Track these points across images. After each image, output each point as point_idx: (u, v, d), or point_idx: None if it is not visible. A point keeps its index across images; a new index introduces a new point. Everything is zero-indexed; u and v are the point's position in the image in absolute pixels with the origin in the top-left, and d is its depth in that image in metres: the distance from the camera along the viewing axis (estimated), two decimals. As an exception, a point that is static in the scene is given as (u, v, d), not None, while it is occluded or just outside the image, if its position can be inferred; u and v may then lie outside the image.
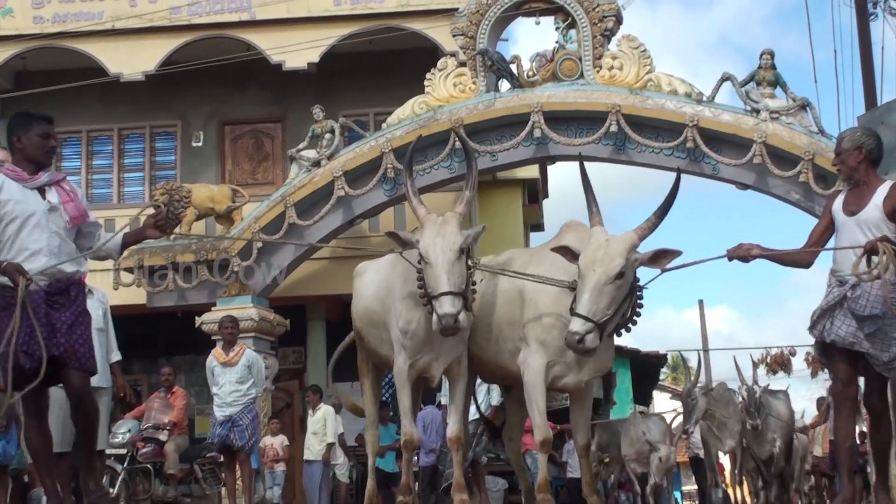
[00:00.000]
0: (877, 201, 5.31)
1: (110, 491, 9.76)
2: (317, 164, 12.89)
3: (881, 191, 5.33)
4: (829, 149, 11.20)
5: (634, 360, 22.30)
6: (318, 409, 12.28)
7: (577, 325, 5.65)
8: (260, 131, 16.10)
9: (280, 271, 13.00)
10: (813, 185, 11.43)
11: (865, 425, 10.01)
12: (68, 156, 16.18)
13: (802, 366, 20.78)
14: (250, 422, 9.25)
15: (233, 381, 9.24)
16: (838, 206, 5.48)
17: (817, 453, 12.62)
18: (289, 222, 12.75)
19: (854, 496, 5.67)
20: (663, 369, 29.66)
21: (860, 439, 11.82)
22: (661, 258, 5.86)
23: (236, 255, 12.81)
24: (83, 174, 16.05)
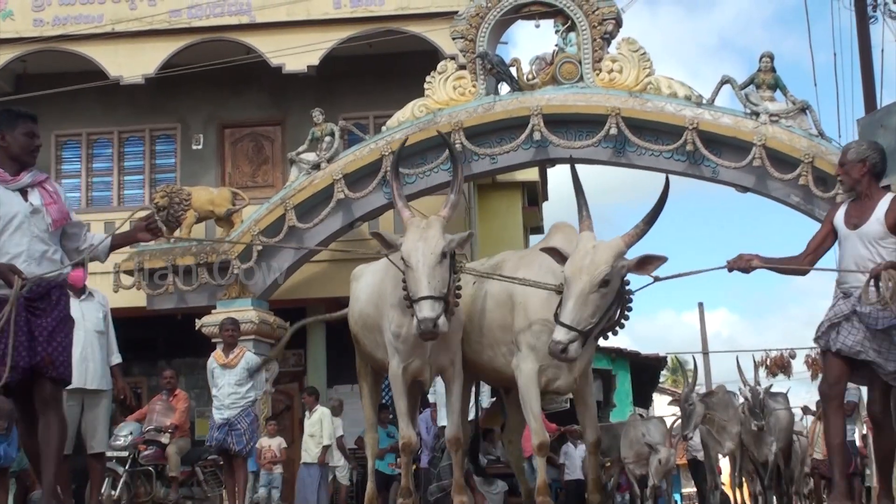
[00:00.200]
0: (878, 215, 5.35)
1: (112, 493, 9.78)
2: (316, 166, 12.90)
3: (883, 204, 5.37)
4: (828, 152, 11.22)
5: (634, 363, 22.29)
6: (314, 412, 12.26)
7: (561, 335, 5.66)
8: (260, 134, 16.11)
9: (280, 273, 13.01)
10: (813, 188, 11.43)
11: (866, 428, 10.03)
12: (68, 159, 16.19)
13: (802, 368, 20.74)
14: (248, 426, 9.22)
15: (231, 384, 9.22)
16: (840, 218, 5.51)
17: (817, 456, 12.62)
18: (289, 225, 12.76)
19: (848, 493, 5.68)
20: (663, 372, 29.66)
21: (862, 442, 11.84)
22: (647, 265, 5.86)
23: (236, 257, 12.82)
24: (83, 177, 16.07)
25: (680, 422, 12.59)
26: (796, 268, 5.64)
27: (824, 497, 14.15)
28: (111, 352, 7.58)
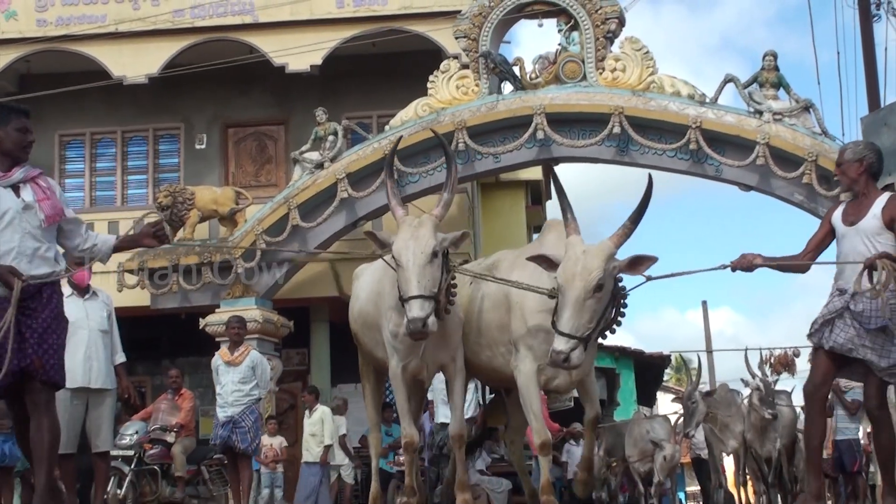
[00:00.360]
0: (875, 211, 5.48)
1: (118, 492, 9.79)
2: (320, 166, 12.91)
3: (879, 202, 5.51)
4: (832, 150, 11.20)
5: (638, 362, 22.30)
6: (314, 411, 12.26)
7: (561, 344, 5.66)
8: (263, 133, 16.11)
9: (281, 274, 13.01)
10: (816, 187, 11.43)
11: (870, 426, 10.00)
12: (72, 158, 16.21)
13: (806, 366, 20.71)
14: (252, 423, 9.19)
15: (235, 381, 9.19)
16: (838, 217, 5.65)
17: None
18: (292, 224, 12.77)
19: (820, 492, 5.78)
20: (667, 370, 29.65)
21: (867, 440, 11.81)
22: (639, 265, 5.88)
23: (239, 256, 12.83)
24: (87, 177, 16.09)
25: (682, 419, 12.60)
26: (798, 263, 5.74)
27: (829, 495, 14.16)
28: (115, 351, 7.58)
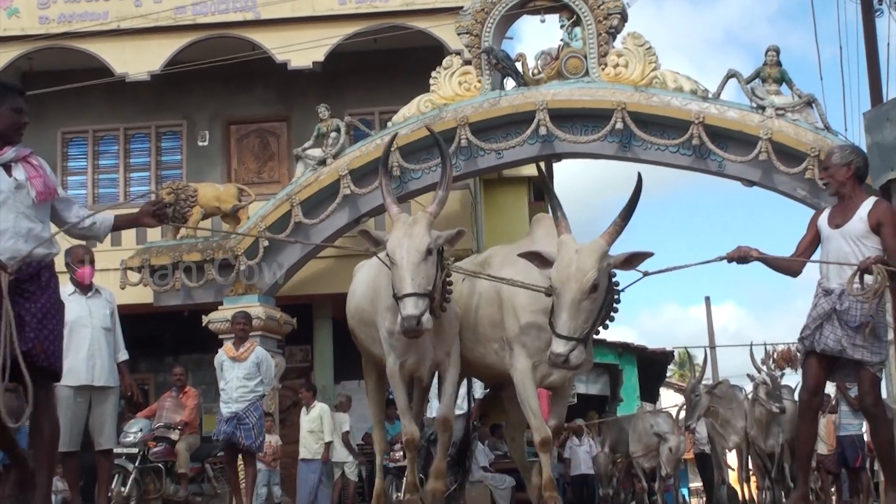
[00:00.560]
0: (862, 214, 5.58)
1: (122, 490, 9.80)
2: (322, 162, 12.91)
3: (866, 205, 5.62)
4: (835, 145, 11.19)
5: (641, 358, 22.27)
6: (312, 408, 12.26)
7: (561, 347, 5.66)
8: (265, 130, 16.12)
9: (281, 273, 13.02)
10: (819, 182, 11.40)
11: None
12: (74, 156, 16.23)
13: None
14: (256, 420, 9.16)
15: (240, 377, 9.16)
16: (824, 221, 5.75)
17: (822, 451, 12.59)
18: (295, 221, 12.77)
19: (806, 497, 5.93)
20: (670, 366, 29.64)
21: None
22: (634, 261, 5.90)
23: (242, 253, 12.83)
24: (89, 174, 16.10)
25: (684, 412, 12.62)
26: (794, 259, 5.81)
27: (832, 492, 14.15)
28: (118, 348, 7.58)
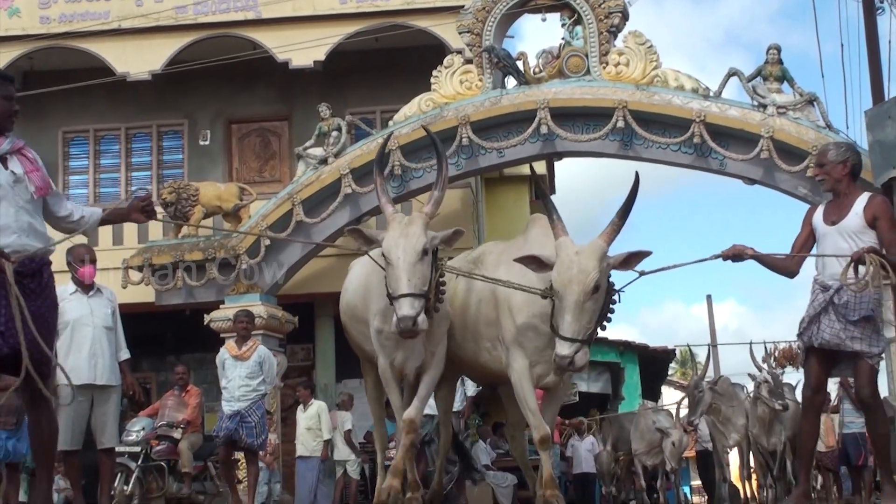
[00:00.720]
0: (857, 210, 5.62)
1: (125, 489, 9.81)
2: (324, 161, 12.92)
3: (861, 200, 5.67)
4: (830, 142, 11.19)
5: (643, 356, 22.27)
6: (309, 406, 12.26)
7: (566, 349, 5.67)
8: (267, 129, 16.13)
9: (282, 273, 13.02)
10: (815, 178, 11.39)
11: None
12: (75, 155, 16.24)
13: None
14: (259, 419, 9.16)
15: (242, 376, 9.16)
16: (818, 218, 5.78)
17: (821, 448, 12.59)
18: (296, 220, 12.78)
19: (808, 494, 5.94)
20: (672, 364, 29.62)
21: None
22: (633, 260, 5.90)
23: (244, 252, 12.84)
24: (90, 173, 16.12)
25: (686, 408, 12.62)
26: (785, 261, 5.86)
27: (834, 490, 14.14)
28: (119, 347, 7.58)
